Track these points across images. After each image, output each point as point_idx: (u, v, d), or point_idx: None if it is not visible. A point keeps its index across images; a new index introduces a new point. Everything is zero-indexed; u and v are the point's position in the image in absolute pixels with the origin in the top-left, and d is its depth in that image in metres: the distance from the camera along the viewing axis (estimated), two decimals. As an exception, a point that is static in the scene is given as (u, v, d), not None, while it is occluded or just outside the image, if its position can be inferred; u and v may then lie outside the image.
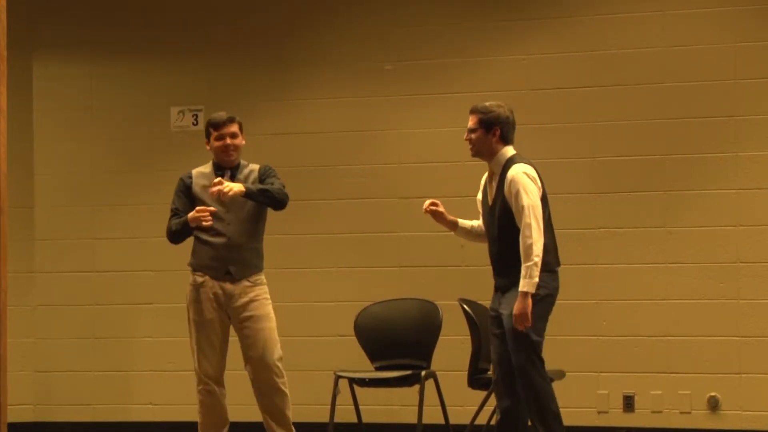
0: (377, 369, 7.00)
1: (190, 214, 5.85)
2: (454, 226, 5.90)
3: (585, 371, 7.65)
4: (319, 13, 8.30)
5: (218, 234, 5.93)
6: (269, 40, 8.35)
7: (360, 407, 7.06)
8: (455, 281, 7.81)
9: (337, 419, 6.77)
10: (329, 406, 6.72)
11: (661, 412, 7.61)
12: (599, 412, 7.71)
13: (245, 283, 5.97)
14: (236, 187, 5.75)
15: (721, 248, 7.58)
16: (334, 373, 6.79)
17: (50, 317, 8.54)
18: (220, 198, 5.78)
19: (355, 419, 7.11)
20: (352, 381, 6.88)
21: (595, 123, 7.81)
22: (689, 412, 7.57)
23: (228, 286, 5.95)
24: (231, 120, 6.04)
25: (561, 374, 6.67)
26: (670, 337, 7.62)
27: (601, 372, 7.70)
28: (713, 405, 7.54)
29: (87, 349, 8.47)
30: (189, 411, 7.92)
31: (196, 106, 8.39)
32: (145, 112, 8.48)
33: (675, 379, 7.60)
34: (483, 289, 6.43)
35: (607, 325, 7.70)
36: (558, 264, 5.61)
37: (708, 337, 7.56)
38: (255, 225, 6.02)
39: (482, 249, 5.89)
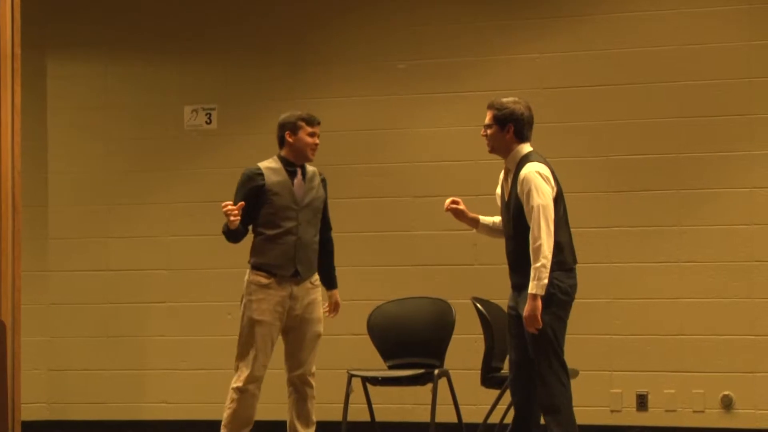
0: (390, 368, 7.00)
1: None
2: (475, 223, 5.86)
3: (598, 370, 7.64)
4: (332, 13, 8.31)
5: (290, 232, 5.95)
6: (283, 39, 8.36)
7: (373, 406, 7.05)
8: (468, 280, 7.80)
9: (350, 418, 6.77)
10: (342, 405, 6.73)
11: (674, 411, 7.60)
12: (612, 411, 7.70)
13: (307, 285, 6.01)
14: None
15: (734, 247, 7.56)
16: (347, 372, 6.79)
17: (64, 316, 8.55)
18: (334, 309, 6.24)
19: (368, 418, 7.10)
20: (365, 380, 6.88)
21: (608, 122, 7.80)
22: (702, 411, 7.55)
23: (294, 288, 5.96)
24: (319, 123, 6.12)
25: (574, 373, 6.63)
26: (683, 336, 7.61)
27: (615, 371, 7.69)
28: (727, 404, 7.52)
29: (100, 348, 8.49)
30: (202, 409, 7.97)
31: (210, 105, 8.40)
32: (158, 111, 8.50)
33: (688, 377, 7.58)
34: (496, 288, 6.42)
35: (621, 324, 7.69)
36: (575, 262, 5.58)
37: (721, 336, 7.54)
38: (317, 225, 6.09)
39: (494, 247, 5.87)
